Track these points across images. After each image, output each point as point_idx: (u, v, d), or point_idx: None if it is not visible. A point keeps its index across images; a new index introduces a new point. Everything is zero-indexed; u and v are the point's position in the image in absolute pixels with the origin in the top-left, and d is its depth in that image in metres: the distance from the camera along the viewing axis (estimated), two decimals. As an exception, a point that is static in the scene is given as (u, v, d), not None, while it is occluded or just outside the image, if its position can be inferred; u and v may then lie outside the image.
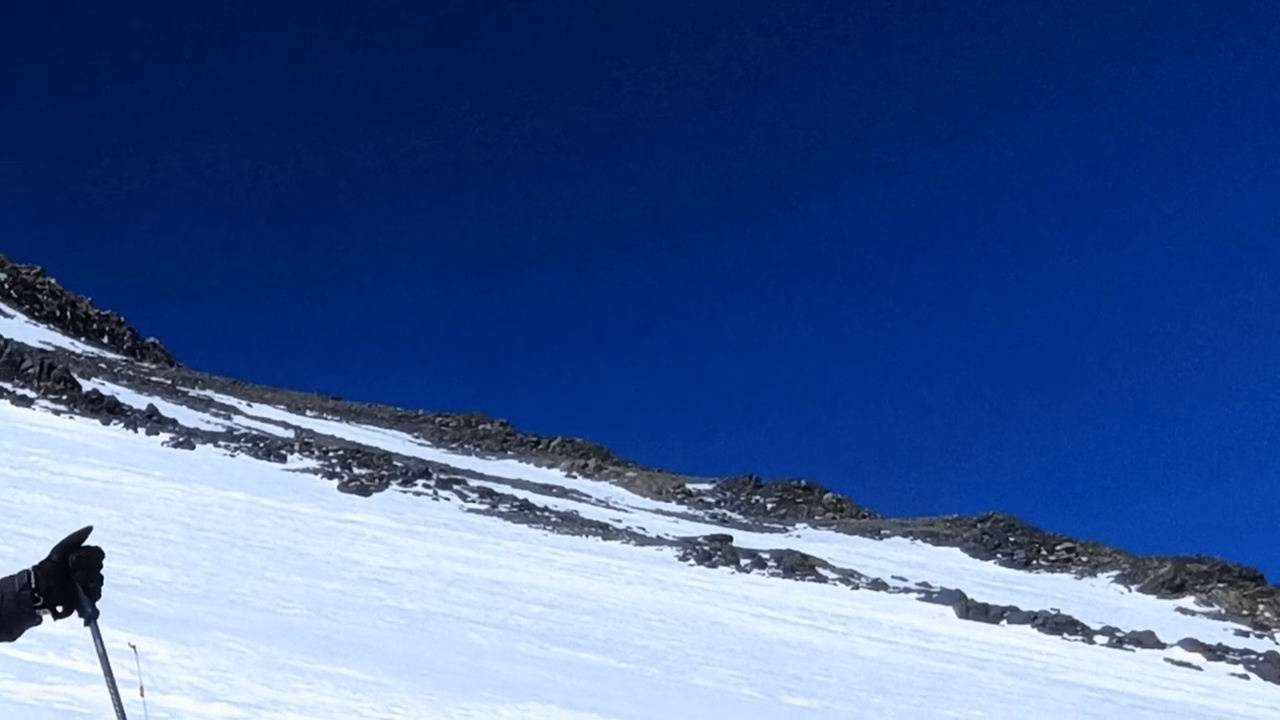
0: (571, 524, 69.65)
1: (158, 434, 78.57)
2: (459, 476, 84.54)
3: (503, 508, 72.35)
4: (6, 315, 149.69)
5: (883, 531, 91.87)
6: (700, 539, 67.94)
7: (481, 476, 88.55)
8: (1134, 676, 42.12)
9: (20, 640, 4.60)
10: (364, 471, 76.75)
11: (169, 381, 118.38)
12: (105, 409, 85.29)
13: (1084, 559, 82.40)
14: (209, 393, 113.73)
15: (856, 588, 59.34)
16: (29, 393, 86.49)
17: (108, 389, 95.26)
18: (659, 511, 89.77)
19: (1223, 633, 60.95)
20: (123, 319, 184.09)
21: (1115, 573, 79.99)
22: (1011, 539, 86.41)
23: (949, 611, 53.73)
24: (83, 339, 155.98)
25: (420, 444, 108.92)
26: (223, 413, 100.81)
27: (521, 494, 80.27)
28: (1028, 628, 51.54)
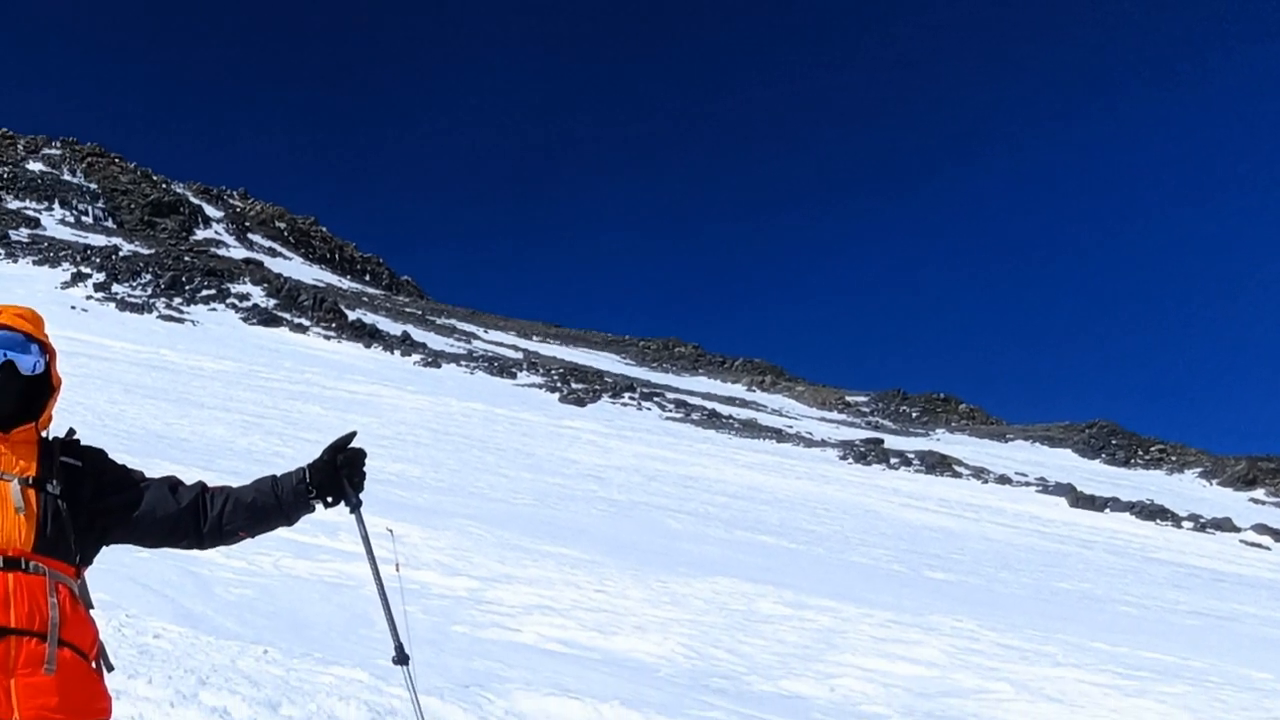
0: (751, 430, 69.52)
1: (410, 355, 79.51)
2: (658, 390, 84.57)
3: (694, 416, 72.35)
4: (285, 258, 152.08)
5: (1007, 435, 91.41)
6: (857, 442, 67.61)
7: (677, 390, 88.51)
8: (1214, 555, 41.57)
9: (297, 525, 4.66)
10: (580, 386, 77.02)
11: (420, 312, 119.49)
12: (367, 335, 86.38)
13: (1173, 458, 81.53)
14: (452, 321, 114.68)
15: (986, 482, 58.90)
16: (304, 321, 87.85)
17: (369, 318, 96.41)
18: (823, 419, 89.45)
19: (1288, 518, 59.98)
20: (381, 260, 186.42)
21: (1198, 469, 79.17)
22: (1113, 441, 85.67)
23: (1062, 502, 53.46)
24: (348, 277, 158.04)
25: (626, 363, 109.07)
26: (464, 338, 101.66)
27: (709, 405, 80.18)
28: (1127, 515, 51.16)
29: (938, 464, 62.01)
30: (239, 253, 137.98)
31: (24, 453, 4.21)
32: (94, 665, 4.14)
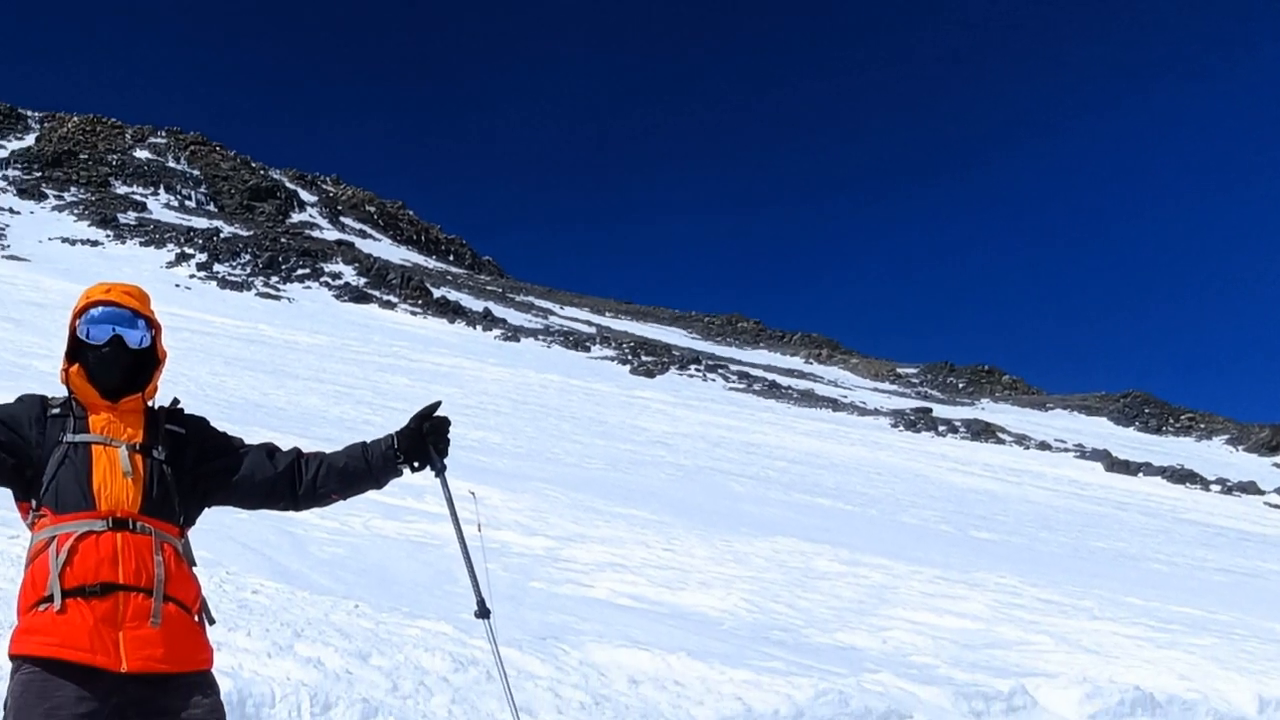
0: (808, 399, 69.45)
1: (491, 330, 79.76)
2: (722, 363, 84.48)
3: (755, 387, 72.30)
4: (375, 239, 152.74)
5: (1047, 405, 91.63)
6: (907, 411, 67.62)
7: (739, 363, 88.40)
8: (1240, 516, 41.41)
9: (386, 488, 4.68)
10: (649, 359, 77.05)
11: (500, 290, 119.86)
12: (450, 311, 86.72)
13: (1201, 426, 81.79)
14: (530, 298, 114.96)
15: (1027, 448, 58.95)
16: (393, 299, 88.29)
17: (452, 296, 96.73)
18: (875, 389, 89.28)
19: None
20: (465, 241, 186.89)
21: (1225, 436, 79.32)
22: (1146, 410, 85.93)
23: (1098, 466, 53.57)
24: (433, 257, 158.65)
25: (692, 338, 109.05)
26: (541, 314, 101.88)
27: (770, 376, 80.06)
28: (1159, 479, 51.34)
29: (982, 431, 62.24)
30: (331, 235, 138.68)
31: (132, 421, 4.25)
32: (197, 619, 4.18)
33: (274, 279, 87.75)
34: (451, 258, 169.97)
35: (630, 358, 76.88)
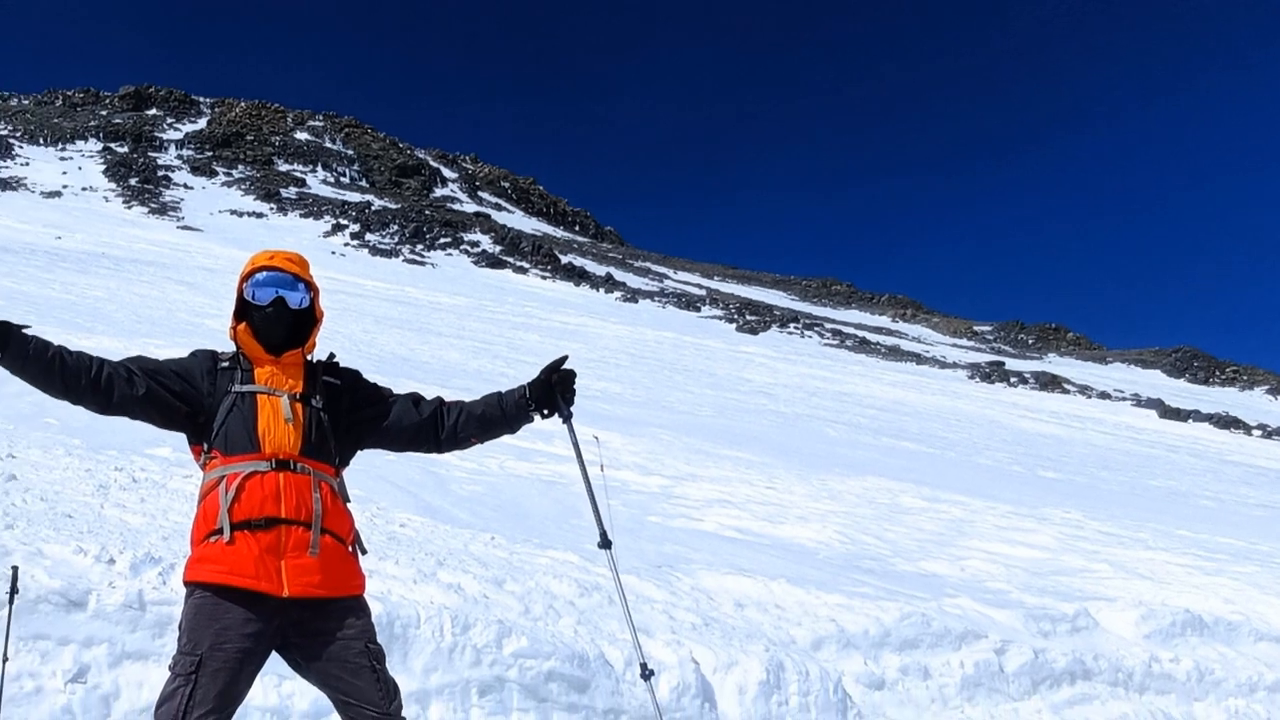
0: (894, 354, 69.05)
1: (612, 293, 79.93)
2: (818, 321, 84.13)
3: (847, 343, 71.93)
4: (509, 211, 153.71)
5: (1107, 359, 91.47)
6: (982, 364, 67.26)
7: (833, 321, 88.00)
8: (1278, 458, 40.67)
9: (519, 433, 4.67)
10: (753, 318, 76.88)
11: (620, 256, 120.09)
12: (576, 276, 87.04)
13: (1244, 377, 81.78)
14: (647, 264, 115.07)
15: (1089, 397, 58.54)
16: (525, 264, 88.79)
17: (578, 262, 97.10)
18: (954, 345, 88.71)
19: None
20: (589, 214, 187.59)
21: (1266, 387, 79.36)
22: (1195, 364, 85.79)
23: (1152, 413, 53.26)
24: (561, 228, 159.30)
25: (791, 299, 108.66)
26: (657, 278, 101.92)
27: (860, 334, 79.60)
28: (1207, 425, 50.96)
29: (1049, 383, 62.13)
30: (470, 207, 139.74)
31: (292, 373, 4.29)
32: (350, 549, 4.21)
33: (419, 247, 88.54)
34: (577, 228, 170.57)
35: (736, 317, 76.76)
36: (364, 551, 4.31)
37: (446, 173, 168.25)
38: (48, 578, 5.72)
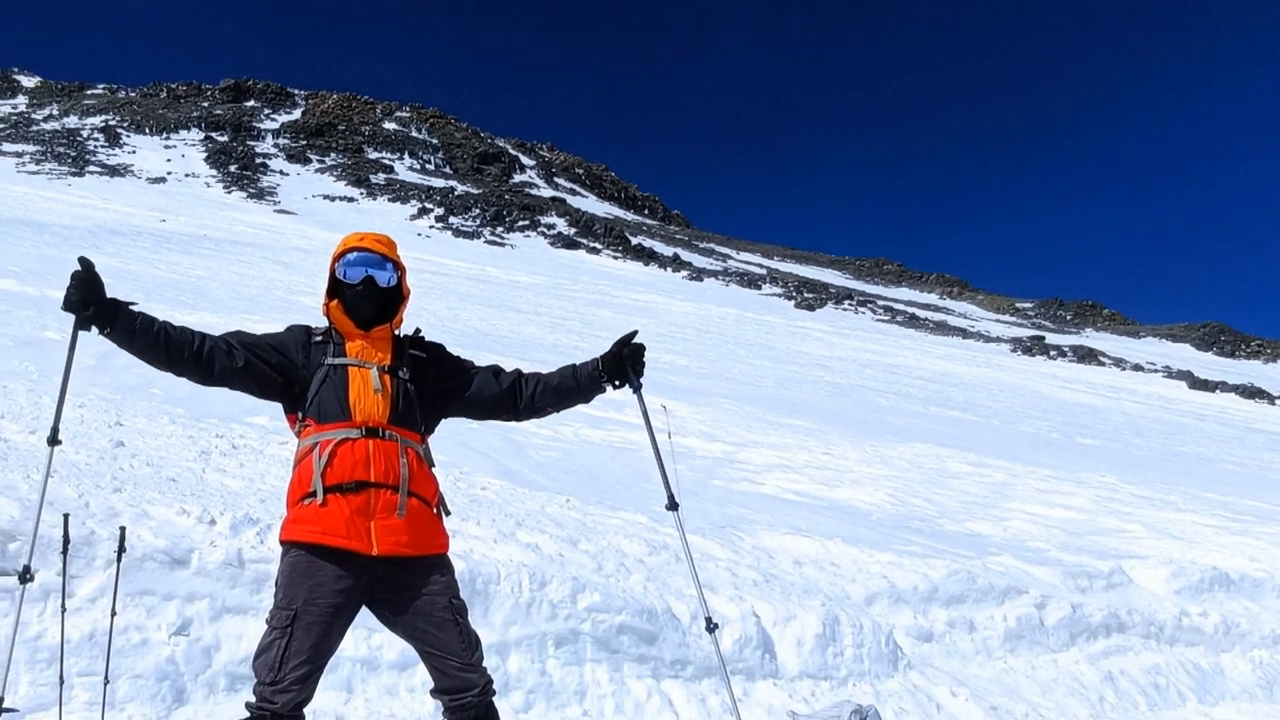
0: (941, 329, 68.64)
1: (679, 272, 79.87)
2: (870, 299, 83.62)
3: (898, 319, 71.50)
4: (583, 196, 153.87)
5: (1140, 333, 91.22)
6: (1024, 338, 66.89)
7: (885, 299, 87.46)
8: (1300, 426, 40.23)
9: (593, 403, 4.65)
10: (810, 295, 76.57)
11: (687, 238, 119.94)
12: (645, 256, 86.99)
13: (1269, 351, 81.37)
14: (712, 245, 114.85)
15: (1123, 369, 58.02)
16: (598, 246, 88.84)
17: (647, 243, 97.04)
18: (997, 320, 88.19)
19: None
20: (658, 198, 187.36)
21: None
22: (1222, 338, 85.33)
23: (1182, 384, 52.82)
24: (631, 211, 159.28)
25: (846, 278, 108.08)
26: (721, 258, 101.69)
27: (910, 310, 79.11)
28: (1233, 395, 50.37)
29: (1086, 355, 61.99)
30: (546, 192, 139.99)
31: (381, 347, 4.29)
32: (435, 511, 4.20)
33: (499, 229, 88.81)
34: (646, 211, 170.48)
35: (794, 294, 76.49)
36: (448, 513, 4.29)
37: (525, 160, 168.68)
38: (153, 537, 5.78)
